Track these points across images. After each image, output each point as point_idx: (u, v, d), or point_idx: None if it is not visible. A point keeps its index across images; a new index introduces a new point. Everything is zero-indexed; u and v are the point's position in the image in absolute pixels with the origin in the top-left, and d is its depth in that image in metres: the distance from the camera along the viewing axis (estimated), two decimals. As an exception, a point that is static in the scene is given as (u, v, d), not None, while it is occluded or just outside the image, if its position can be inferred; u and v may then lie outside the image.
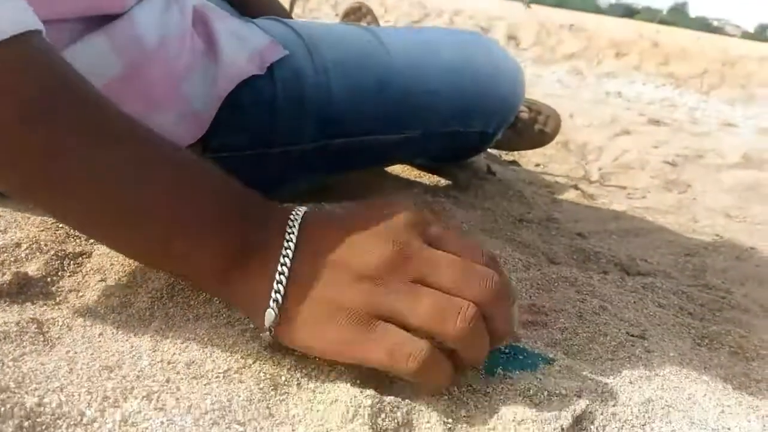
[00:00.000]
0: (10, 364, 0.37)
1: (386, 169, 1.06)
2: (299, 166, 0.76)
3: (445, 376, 0.39)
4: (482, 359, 0.41)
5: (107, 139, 0.40)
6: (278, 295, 0.39)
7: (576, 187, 1.34)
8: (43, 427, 0.33)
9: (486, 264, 0.40)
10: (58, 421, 0.34)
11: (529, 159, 1.60)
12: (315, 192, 0.85)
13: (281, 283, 0.39)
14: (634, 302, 0.63)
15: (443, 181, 1.07)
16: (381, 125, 0.79)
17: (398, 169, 1.09)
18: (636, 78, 4.76)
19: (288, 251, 0.40)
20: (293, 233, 0.41)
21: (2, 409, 0.33)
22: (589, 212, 1.15)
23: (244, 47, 0.69)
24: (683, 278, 0.82)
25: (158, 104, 0.63)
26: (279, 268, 0.39)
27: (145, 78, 0.61)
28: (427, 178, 1.07)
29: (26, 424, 0.33)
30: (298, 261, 0.40)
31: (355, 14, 1.73)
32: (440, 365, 0.39)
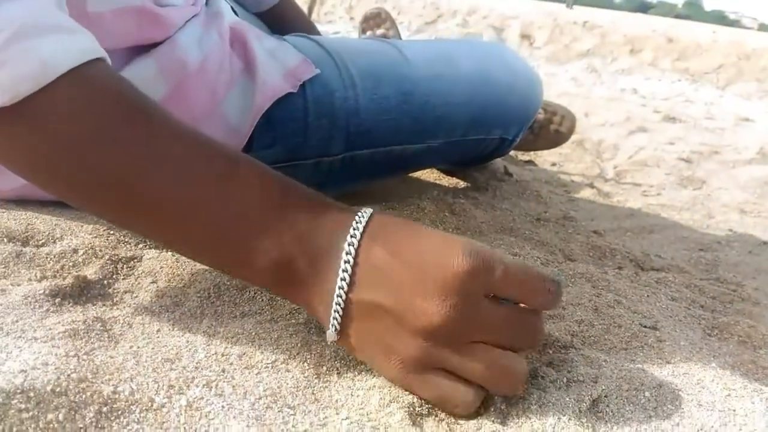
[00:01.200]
0: (84, 357, 0.42)
1: (407, 172, 1.10)
2: (329, 176, 0.80)
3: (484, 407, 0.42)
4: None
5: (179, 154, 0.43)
6: (336, 323, 0.41)
7: (592, 186, 1.37)
8: (119, 412, 0.38)
9: (549, 294, 0.40)
10: (131, 407, 0.38)
11: (545, 158, 1.63)
12: (340, 198, 0.90)
13: (338, 313, 0.41)
14: (648, 296, 0.67)
15: (462, 183, 1.11)
16: (405, 135, 0.83)
17: (419, 172, 1.13)
18: (651, 74, 4.76)
19: (345, 276, 0.40)
20: (350, 258, 0.40)
21: (83, 396, 0.37)
22: (604, 210, 1.18)
23: (279, 66, 0.74)
24: (696, 272, 0.85)
25: (199, 121, 0.67)
26: (337, 293, 0.40)
27: (188, 97, 0.66)
28: (447, 181, 1.11)
29: (104, 409, 0.37)
30: (355, 292, 0.40)
31: (375, 20, 1.77)
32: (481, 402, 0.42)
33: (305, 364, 0.45)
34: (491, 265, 0.39)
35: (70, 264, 0.56)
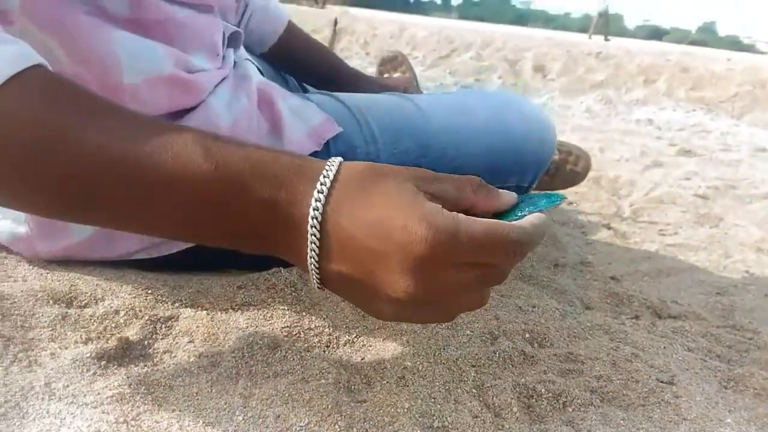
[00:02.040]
0: (133, 423, 0.45)
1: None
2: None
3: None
4: None
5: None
6: (317, 283, 0.44)
7: (608, 227, 1.39)
8: (167, 476, 0.40)
9: (515, 255, 0.40)
10: (178, 471, 0.41)
11: (562, 197, 1.65)
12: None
13: (316, 278, 0.43)
14: (664, 347, 0.69)
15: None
16: (423, 187, 0.87)
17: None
18: (666, 104, 4.78)
19: (314, 247, 0.42)
20: (316, 231, 0.41)
21: (134, 461, 0.40)
22: (621, 253, 1.20)
23: (304, 125, 0.77)
24: (712, 318, 0.87)
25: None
26: (310, 262, 0.42)
27: (218, 158, 0.70)
28: (466, 227, 1.14)
29: (153, 474, 0.40)
30: (326, 262, 0.42)
31: (392, 63, 1.82)
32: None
33: (336, 426, 0.48)
34: (454, 241, 0.38)
35: (113, 325, 0.59)
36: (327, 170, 0.42)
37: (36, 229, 0.67)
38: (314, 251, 0.42)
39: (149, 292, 0.65)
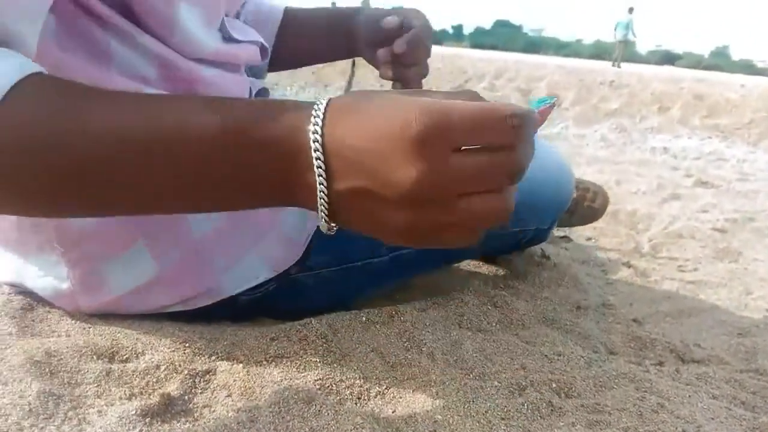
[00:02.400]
0: (180, 481, 0.47)
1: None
2: (377, 275, 0.86)
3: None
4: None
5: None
6: (324, 215, 0.44)
7: (628, 265, 1.40)
8: None
9: (513, 129, 0.40)
10: None
11: (581, 233, 1.67)
12: (386, 292, 0.95)
13: (324, 206, 0.43)
14: (689, 396, 0.70)
15: (501, 270, 1.15)
16: (446, 233, 0.89)
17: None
18: (681, 132, 4.78)
19: (321, 171, 0.42)
20: (320, 154, 0.42)
21: None
22: (642, 293, 1.21)
23: None
24: (735, 362, 0.87)
25: (264, 236, 0.74)
26: (318, 188, 0.42)
27: (250, 214, 0.73)
28: (486, 268, 1.16)
29: None
30: (335, 183, 0.42)
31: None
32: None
33: (374, 482, 0.50)
34: (447, 119, 0.39)
35: (154, 380, 0.61)
36: (319, 101, 0.44)
37: (78, 285, 0.70)
38: (321, 175, 0.42)
39: (187, 345, 0.68)
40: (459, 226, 0.42)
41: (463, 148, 0.40)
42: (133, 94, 0.47)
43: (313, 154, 0.42)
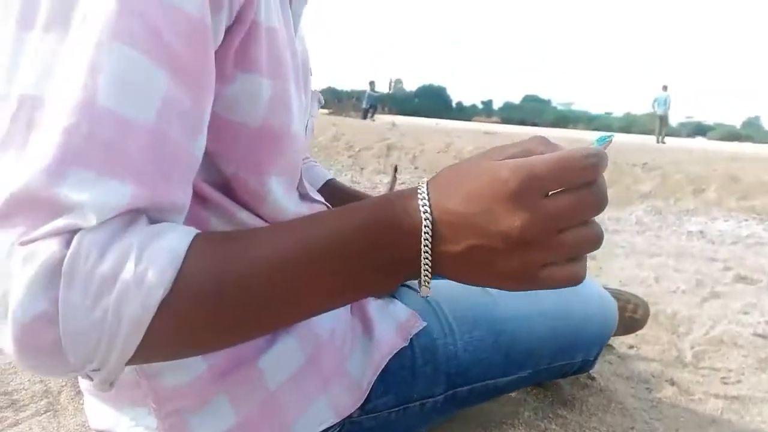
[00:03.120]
0: None
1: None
2: (433, 412, 0.90)
3: None
4: None
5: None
6: (426, 280, 0.51)
7: (671, 382, 1.42)
8: None
9: (592, 168, 0.46)
10: None
11: (623, 341, 1.69)
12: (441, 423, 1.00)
13: (427, 268, 0.50)
14: None
15: (549, 397, 1.19)
16: (497, 370, 0.94)
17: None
18: (717, 214, 4.77)
19: (428, 236, 0.49)
20: (429, 224, 0.49)
21: None
22: (688, 416, 1.22)
23: (392, 322, 0.86)
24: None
25: (328, 381, 0.80)
26: (423, 252, 0.49)
27: (320, 363, 0.79)
28: (534, 394, 1.19)
29: None
30: (442, 246, 0.49)
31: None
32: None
33: None
34: (534, 170, 0.46)
35: None
36: (420, 183, 0.52)
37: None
38: (427, 240, 0.49)
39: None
40: (563, 261, 0.48)
41: (551, 193, 0.47)
42: (273, 228, 0.57)
43: (423, 222, 0.49)
